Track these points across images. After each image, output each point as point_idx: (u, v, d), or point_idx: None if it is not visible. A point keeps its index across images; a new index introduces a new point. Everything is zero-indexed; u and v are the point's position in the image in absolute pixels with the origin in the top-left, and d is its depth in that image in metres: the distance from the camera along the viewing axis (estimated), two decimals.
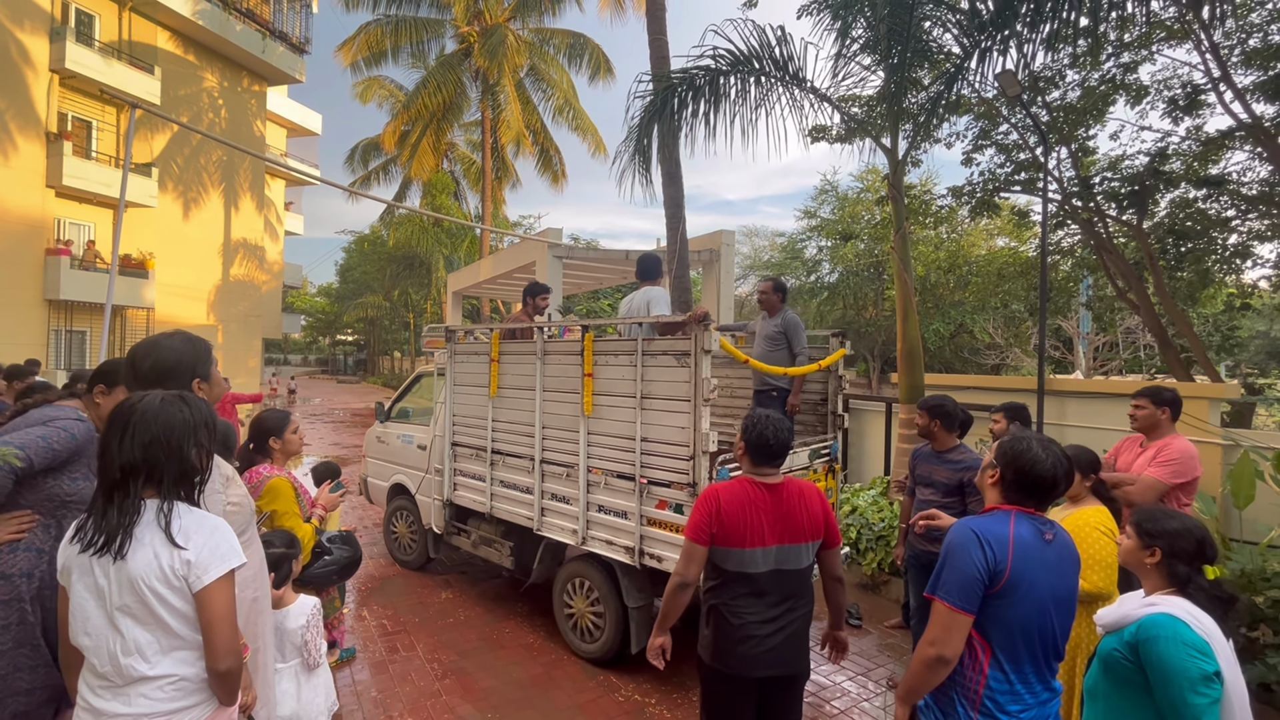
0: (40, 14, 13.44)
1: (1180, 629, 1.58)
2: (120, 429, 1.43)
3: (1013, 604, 1.71)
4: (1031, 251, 13.96)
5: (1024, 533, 1.76)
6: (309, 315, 42.43)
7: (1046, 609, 1.74)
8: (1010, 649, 1.74)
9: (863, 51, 6.61)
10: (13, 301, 12.96)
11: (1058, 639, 1.80)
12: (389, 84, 22.47)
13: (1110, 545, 2.45)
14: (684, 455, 3.37)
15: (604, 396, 3.77)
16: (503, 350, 4.47)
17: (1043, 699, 1.80)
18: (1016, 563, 1.71)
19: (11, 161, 13.02)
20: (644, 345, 3.58)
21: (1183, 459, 3.14)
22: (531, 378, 4.20)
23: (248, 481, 2.74)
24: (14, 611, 1.89)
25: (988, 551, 1.71)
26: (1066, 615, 1.81)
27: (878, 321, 20.98)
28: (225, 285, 18.20)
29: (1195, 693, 1.52)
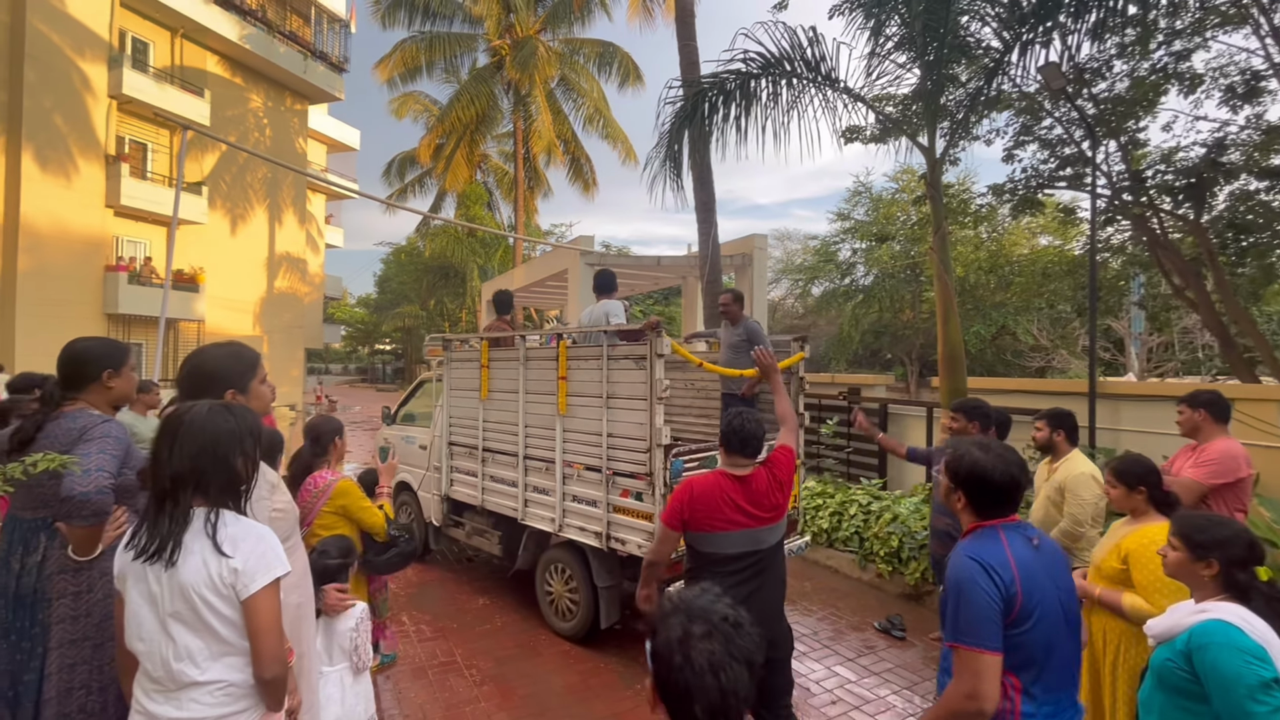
0: (100, 43, 14.20)
1: (1235, 635, 1.53)
2: (169, 439, 1.47)
3: (1032, 627, 1.61)
4: (1078, 249, 13.45)
5: (1018, 548, 1.67)
6: (349, 325, 43.60)
7: (1059, 622, 1.66)
8: (1038, 675, 1.63)
9: (897, 49, 6.49)
10: (76, 315, 13.65)
11: (1074, 652, 1.72)
12: (424, 99, 23.03)
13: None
14: (642, 449, 3.71)
15: (576, 397, 4.15)
16: (491, 357, 4.89)
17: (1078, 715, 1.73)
18: (1025, 583, 1.61)
19: (75, 184, 13.76)
20: (608, 350, 3.93)
21: (1222, 460, 3.00)
22: (515, 381, 4.61)
23: (314, 486, 2.86)
24: None
25: (996, 578, 1.59)
26: (1076, 624, 1.73)
27: (915, 324, 20.49)
28: (270, 297, 18.85)
29: (1255, 700, 1.46)
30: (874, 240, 20.83)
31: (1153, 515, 2.40)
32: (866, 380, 8.65)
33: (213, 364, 1.85)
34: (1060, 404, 5.65)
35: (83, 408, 2.06)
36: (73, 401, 2.07)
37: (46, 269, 13.22)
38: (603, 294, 5.11)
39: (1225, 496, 3.01)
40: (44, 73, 13.15)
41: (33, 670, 1.97)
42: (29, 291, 12.93)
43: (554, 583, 4.45)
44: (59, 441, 1.94)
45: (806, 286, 24.41)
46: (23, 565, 1.96)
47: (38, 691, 1.96)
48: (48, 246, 13.27)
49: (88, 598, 1.99)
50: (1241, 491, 3.02)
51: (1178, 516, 1.82)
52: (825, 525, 6.08)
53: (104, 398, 2.13)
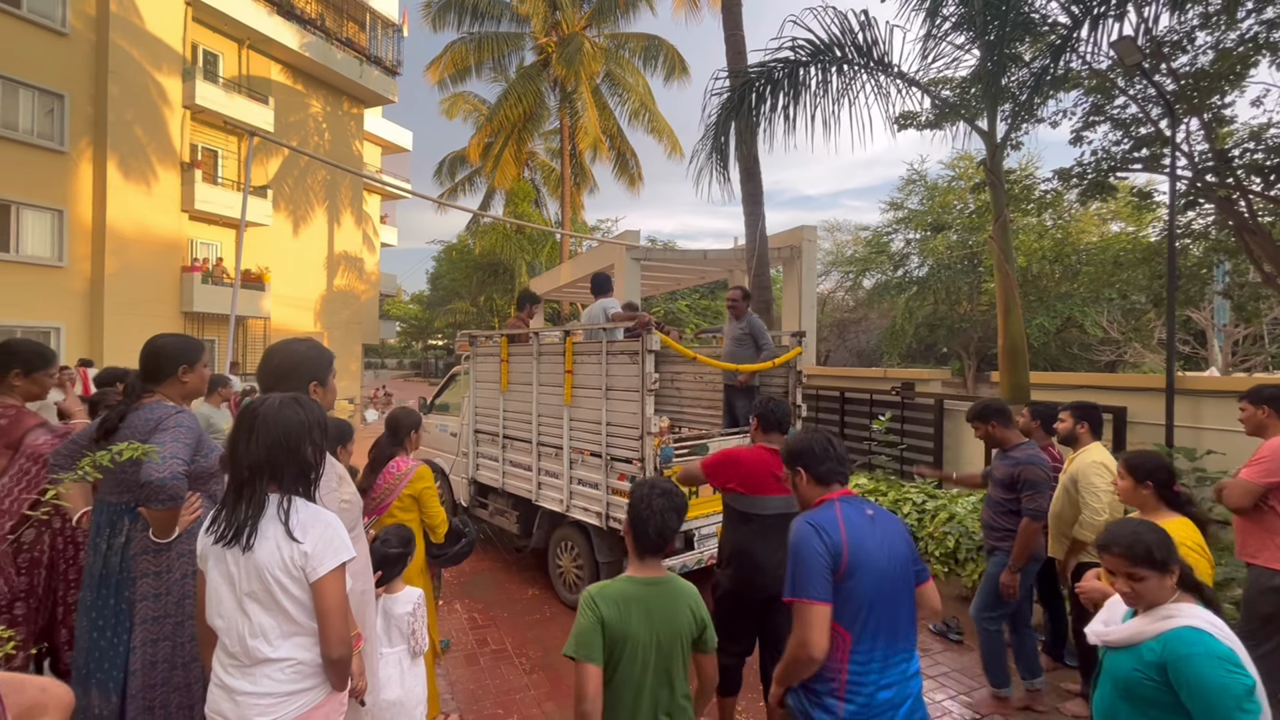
0: (174, 56, 15.06)
1: (1212, 643, 1.51)
2: (246, 431, 1.57)
3: (858, 583, 1.78)
4: (1154, 235, 12.62)
5: (850, 514, 1.86)
6: (403, 321, 45.07)
7: (885, 582, 1.81)
8: (865, 629, 1.79)
9: (955, 30, 6.22)
10: (157, 314, 14.59)
11: (904, 613, 1.86)
12: (473, 99, 23.49)
13: (1203, 564, 2.17)
14: (635, 435, 4.03)
15: (580, 389, 4.51)
16: (510, 352, 5.33)
17: (906, 675, 1.86)
18: (851, 542, 1.79)
19: (154, 190, 14.67)
20: (607, 346, 4.28)
21: (1273, 457, 2.84)
22: (529, 374, 5.02)
23: (396, 470, 3.03)
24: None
25: (825, 537, 1.79)
26: (907, 587, 1.88)
27: (972, 317, 19.69)
28: (329, 295, 19.66)
29: (1242, 710, 1.44)
30: (929, 230, 20.10)
31: (1163, 511, 2.33)
32: (921, 375, 8.34)
33: (299, 356, 1.96)
34: (1135, 400, 5.33)
35: (159, 399, 2.19)
36: (150, 394, 2.21)
37: (130, 270, 14.16)
38: (600, 294, 5.58)
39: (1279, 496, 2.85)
40: (125, 87, 14.05)
41: (120, 644, 2.10)
42: (115, 292, 13.89)
43: (563, 558, 4.85)
44: (138, 431, 2.06)
45: (857, 279, 23.78)
46: (109, 546, 2.10)
47: (125, 664, 2.10)
48: (131, 250, 14.21)
49: (167, 577, 2.13)
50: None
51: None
52: None
53: (179, 391, 2.27)
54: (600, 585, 1.81)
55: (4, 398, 2.51)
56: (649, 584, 1.80)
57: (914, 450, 7.00)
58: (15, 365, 2.54)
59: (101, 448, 1.91)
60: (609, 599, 1.74)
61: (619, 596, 1.76)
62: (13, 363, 2.53)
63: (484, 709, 3.47)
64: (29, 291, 12.91)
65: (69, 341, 13.38)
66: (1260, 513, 2.91)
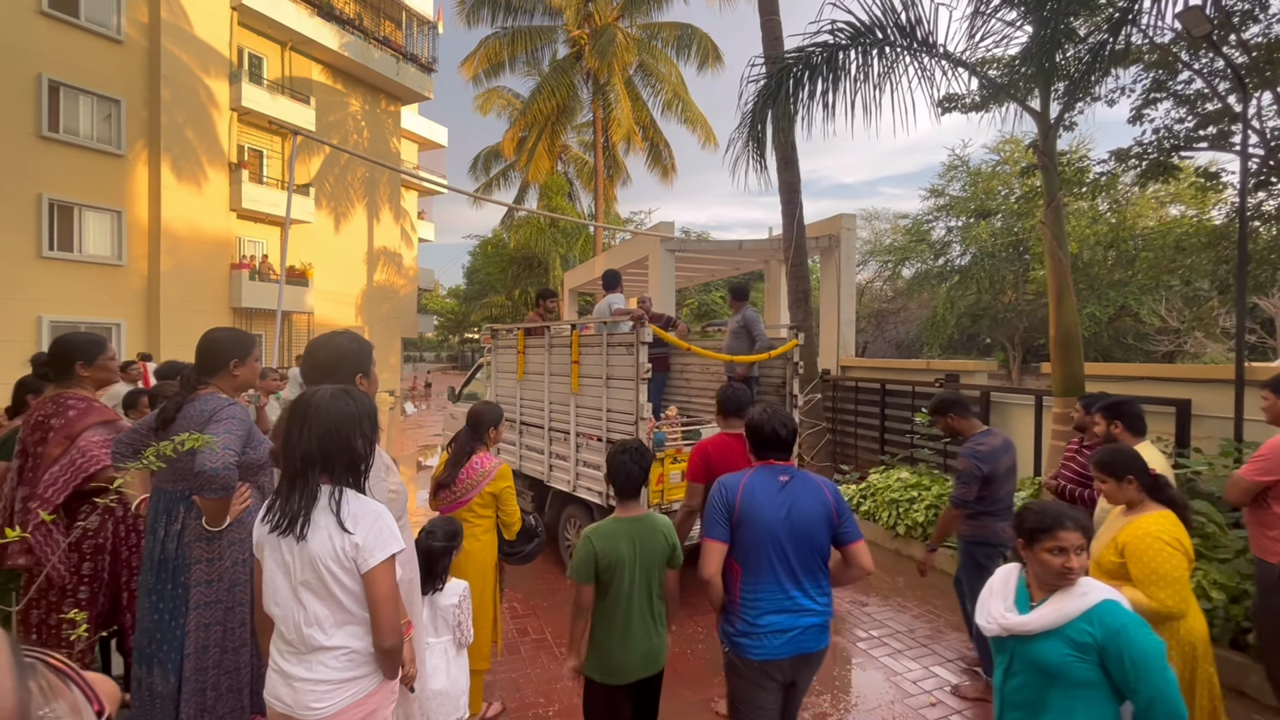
0: (222, 60, 15.57)
1: (1129, 612, 1.62)
2: (299, 423, 1.59)
3: (746, 530, 2.19)
4: (1219, 218, 11.93)
5: (755, 480, 2.25)
6: (440, 315, 45.92)
7: (771, 534, 2.18)
8: (751, 566, 2.21)
9: (1005, 5, 5.94)
10: (208, 310, 15.18)
11: (795, 560, 2.19)
12: (507, 93, 23.66)
13: (1178, 557, 2.15)
14: (630, 420, 4.32)
15: (585, 379, 4.81)
16: (526, 344, 5.67)
17: (798, 609, 2.20)
18: (744, 500, 2.20)
19: (205, 191, 15.23)
20: (607, 338, 4.59)
21: (1272, 454, 2.79)
22: (543, 365, 5.33)
23: (480, 466, 3.08)
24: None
25: (724, 494, 2.24)
26: (803, 538, 2.20)
27: (1018, 306, 19.02)
28: (369, 290, 20.14)
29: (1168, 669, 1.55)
30: (972, 217, 19.45)
31: (1148, 505, 2.32)
32: (966, 366, 8.08)
33: (344, 350, 1.99)
34: (1201, 392, 5.06)
35: (213, 392, 2.26)
36: (205, 386, 2.28)
37: (183, 268, 14.76)
38: (610, 289, 5.89)
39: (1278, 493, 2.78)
40: (176, 91, 14.59)
41: (178, 627, 2.19)
42: (170, 289, 14.50)
43: (570, 534, 5.18)
44: (194, 422, 2.14)
45: (896, 268, 23.20)
46: (166, 533, 2.19)
47: (182, 647, 2.18)
48: (184, 248, 14.80)
49: (218, 564, 2.21)
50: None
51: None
52: (920, 519, 5.78)
53: (231, 383, 2.33)
54: (594, 525, 2.38)
55: (75, 389, 2.62)
56: (631, 521, 2.34)
57: (958, 444, 6.79)
58: (77, 357, 2.64)
59: (162, 438, 1.97)
60: (601, 535, 2.30)
61: (609, 532, 2.31)
62: (74, 355, 2.63)
63: (525, 697, 3.51)
64: (92, 289, 13.58)
65: (129, 336, 14.04)
66: (1262, 509, 2.89)
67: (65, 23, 13.01)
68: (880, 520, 6.19)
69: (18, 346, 12.33)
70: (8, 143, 12.33)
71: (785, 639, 2.18)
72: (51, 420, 2.52)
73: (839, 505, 2.25)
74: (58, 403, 2.54)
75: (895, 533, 5.98)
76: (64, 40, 13.02)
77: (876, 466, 7.32)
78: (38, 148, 12.72)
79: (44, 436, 2.51)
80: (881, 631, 4.28)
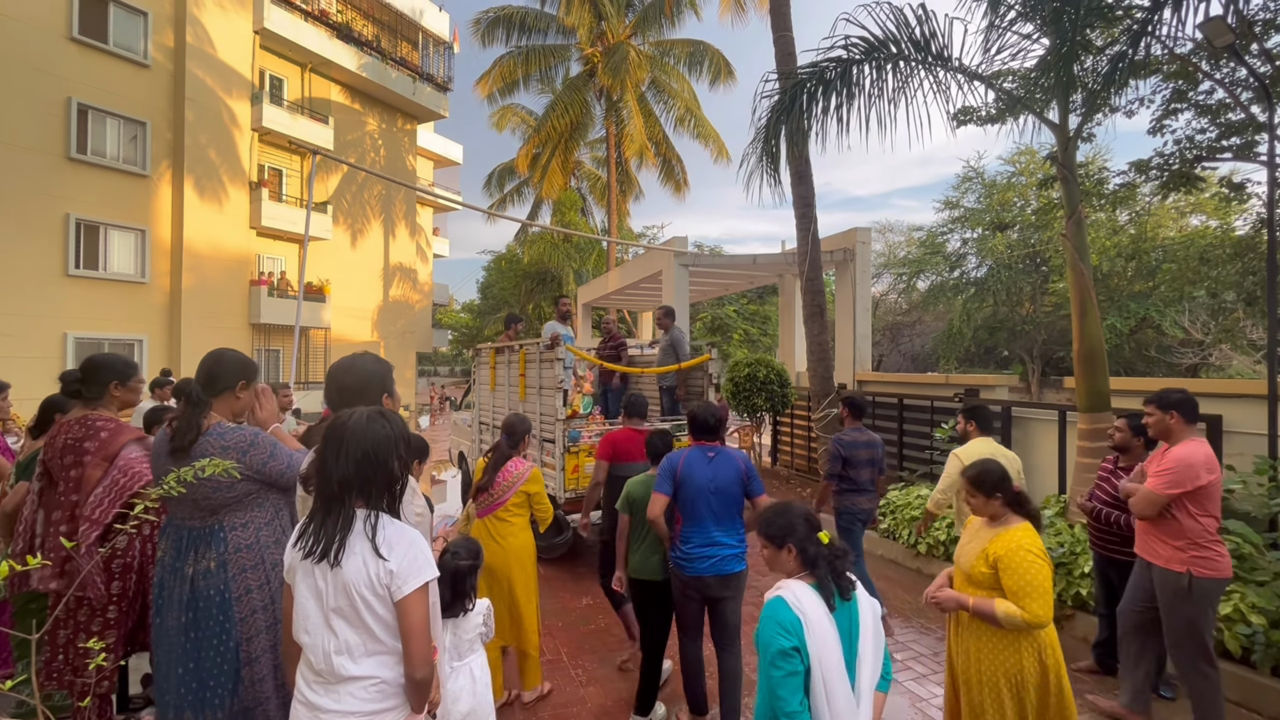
0: (244, 82, 15.93)
1: (780, 609, 1.78)
2: (336, 446, 1.55)
3: (684, 489, 3.14)
4: (1242, 228, 11.71)
5: (692, 455, 3.20)
6: (454, 330, 46.25)
7: (704, 491, 3.11)
8: (688, 514, 3.15)
9: (1021, 18, 5.92)
10: (228, 326, 15.41)
11: (718, 510, 3.12)
12: (521, 111, 23.96)
13: (1045, 568, 2.27)
14: (553, 421, 5.54)
15: (529, 389, 6.10)
16: (496, 361, 7.06)
17: (718, 544, 3.12)
18: (684, 469, 3.15)
19: (226, 209, 15.53)
20: (539, 355, 5.87)
21: (1178, 468, 2.96)
22: (504, 378, 6.68)
23: (515, 469, 3.49)
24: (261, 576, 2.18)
25: (670, 463, 3.19)
26: (724, 495, 3.14)
27: (1036, 319, 18.78)
28: (385, 306, 20.35)
29: (774, 665, 1.73)
30: (988, 229, 19.29)
31: (1011, 517, 2.44)
32: (986, 380, 7.96)
33: (369, 372, 1.98)
34: (1232, 408, 4.92)
35: (219, 421, 2.16)
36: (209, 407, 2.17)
37: (204, 285, 15.01)
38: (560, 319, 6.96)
39: (1188, 504, 2.96)
40: (200, 112, 14.94)
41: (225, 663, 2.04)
42: (191, 305, 14.74)
43: None
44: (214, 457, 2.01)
45: (911, 280, 23.04)
46: (195, 570, 2.05)
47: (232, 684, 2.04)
48: (205, 265, 15.06)
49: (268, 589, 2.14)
50: (1205, 498, 2.95)
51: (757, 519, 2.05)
52: (942, 537, 5.65)
53: (230, 406, 2.25)
54: (632, 480, 3.46)
55: (102, 410, 2.64)
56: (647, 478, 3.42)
57: None
58: (112, 377, 2.66)
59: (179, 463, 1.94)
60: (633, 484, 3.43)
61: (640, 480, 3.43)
62: (109, 376, 2.65)
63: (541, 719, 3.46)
64: (116, 306, 13.84)
65: (151, 352, 14.27)
66: (1166, 520, 3.05)
67: (94, 48, 13.40)
68: (901, 538, 6.07)
69: (44, 362, 12.57)
70: (38, 164, 12.67)
71: (709, 563, 3.11)
72: (85, 443, 2.53)
73: (749, 471, 3.23)
74: (86, 425, 2.55)
75: (916, 551, 5.85)
76: (93, 65, 13.41)
77: (895, 483, 7.20)
78: (66, 169, 13.06)
79: (78, 460, 2.52)
80: (905, 655, 4.18)
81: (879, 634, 1.89)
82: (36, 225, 12.65)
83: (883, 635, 1.92)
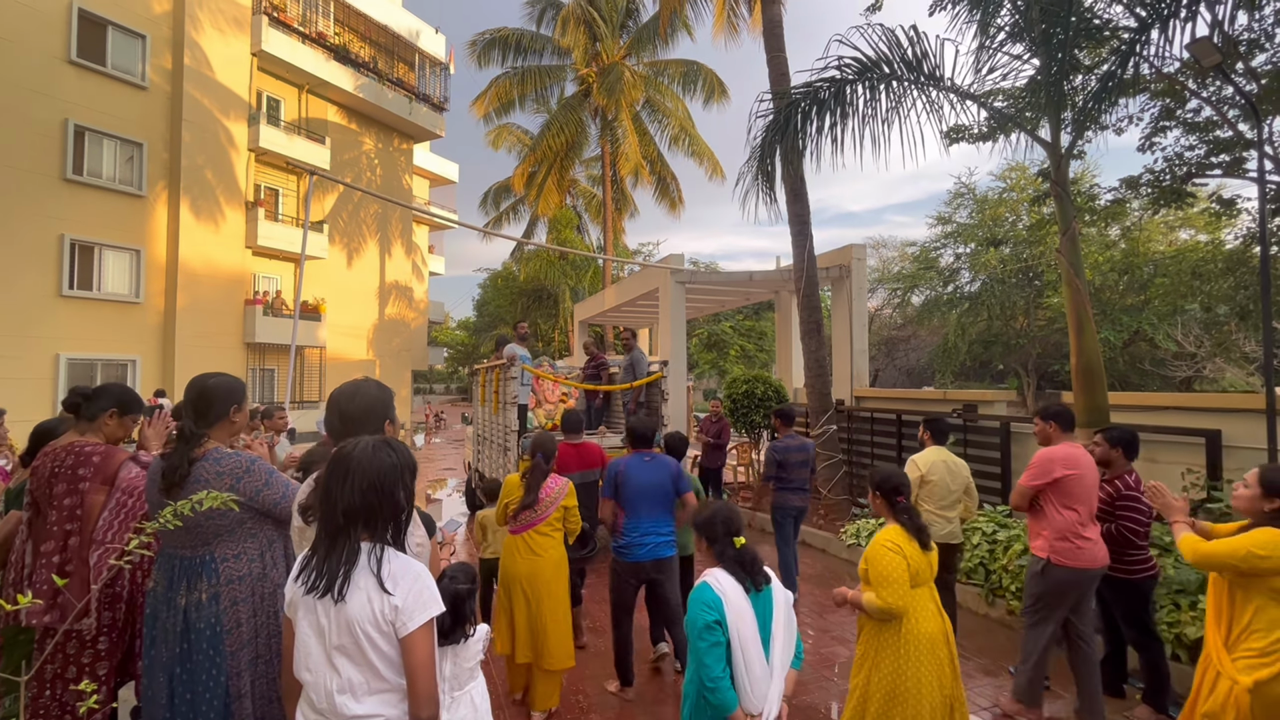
0: (241, 104, 16.02)
1: (704, 591, 2.09)
2: (341, 476, 1.50)
3: (625, 489, 3.74)
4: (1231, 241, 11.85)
5: (631, 461, 3.83)
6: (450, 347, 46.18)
7: (640, 491, 3.73)
8: (628, 510, 3.74)
9: (1011, 39, 6.03)
10: (222, 345, 15.32)
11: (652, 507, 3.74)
12: (516, 130, 24.16)
13: (896, 559, 2.52)
14: (512, 430, 6.49)
15: (501, 404, 6.94)
16: (485, 379, 8.13)
17: (652, 534, 3.72)
18: (624, 473, 3.76)
19: (222, 229, 15.52)
20: (504, 374, 6.77)
21: (1039, 462, 3.44)
22: (489, 393, 7.65)
23: (555, 485, 3.69)
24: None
25: (612, 470, 3.83)
26: (657, 493, 3.76)
27: (1030, 332, 18.88)
28: (381, 324, 20.30)
29: (700, 638, 2.03)
30: (982, 244, 19.46)
31: (888, 520, 2.72)
32: (984, 396, 7.96)
33: (372, 398, 1.95)
34: (1231, 422, 4.93)
35: (216, 446, 2.11)
36: (205, 438, 2.12)
37: (199, 305, 14.95)
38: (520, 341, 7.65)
39: (1053, 498, 3.40)
40: (197, 134, 14.99)
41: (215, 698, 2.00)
42: (185, 325, 14.66)
43: None
44: (210, 486, 2.00)
45: (905, 295, 23.16)
46: (187, 601, 2.01)
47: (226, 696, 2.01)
48: (200, 285, 15.01)
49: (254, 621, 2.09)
50: (1061, 491, 3.36)
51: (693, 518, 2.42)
52: None
53: (227, 431, 2.20)
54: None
55: (90, 437, 2.60)
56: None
57: (979, 476, 6.63)
58: (112, 405, 2.62)
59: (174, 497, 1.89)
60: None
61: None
62: (110, 404, 2.61)
63: None
64: (110, 326, 13.75)
65: (144, 373, 14.15)
66: (1036, 510, 3.52)
67: (92, 70, 13.47)
68: None
69: (36, 383, 12.45)
70: (34, 186, 12.66)
71: (645, 549, 3.68)
72: (78, 470, 2.47)
73: (678, 473, 3.86)
74: (75, 452, 2.50)
75: None
76: (90, 87, 13.46)
77: None
78: (62, 190, 13.05)
79: (73, 488, 2.45)
80: None
81: (790, 619, 2.18)
82: (31, 246, 12.60)
83: (794, 620, 2.20)
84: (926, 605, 2.55)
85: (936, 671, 2.48)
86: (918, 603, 2.52)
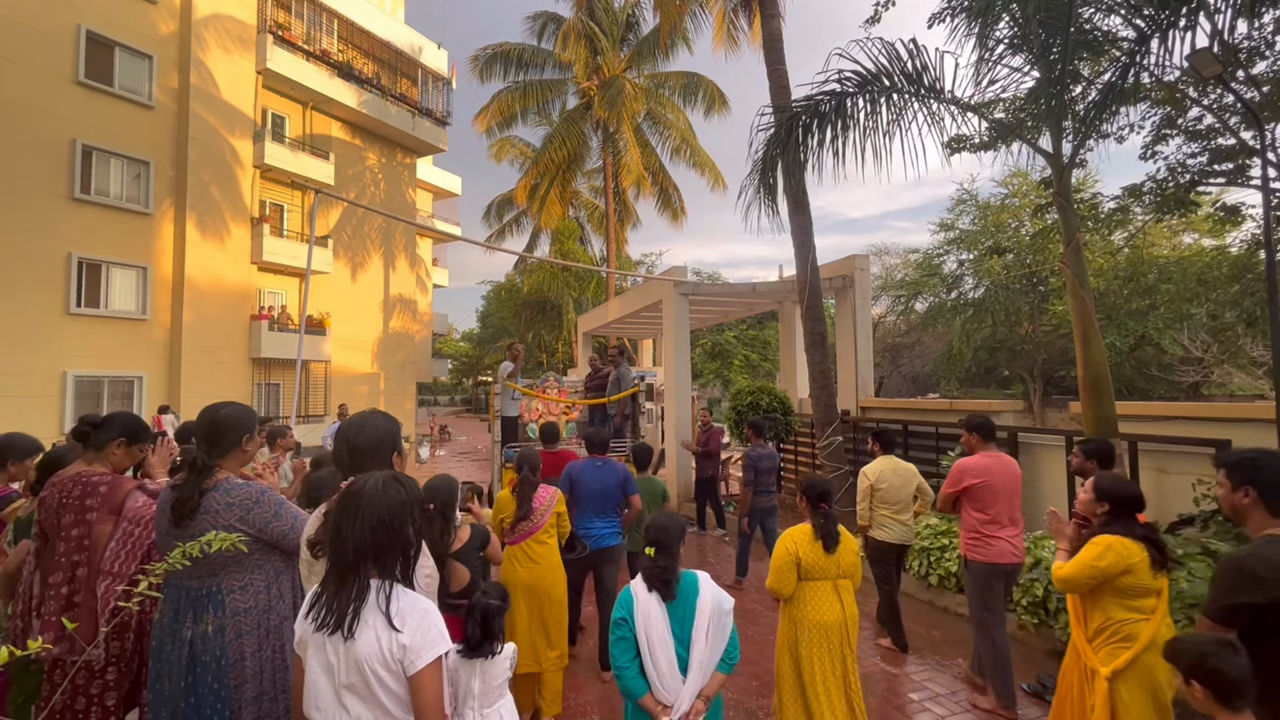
0: (246, 121, 16.19)
1: (624, 594, 2.39)
2: (351, 513, 1.50)
3: (577, 489, 4.28)
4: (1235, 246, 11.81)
5: (584, 464, 4.41)
6: (454, 359, 46.26)
7: (591, 490, 4.28)
8: (580, 508, 4.28)
9: (1010, 51, 6.04)
10: (228, 360, 15.39)
11: (600, 504, 4.28)
12: (519, 143, 24.32)
13: (784, 551, 2.97)
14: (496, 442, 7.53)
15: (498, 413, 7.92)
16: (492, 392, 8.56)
17: (599, 527, 4.27)
18: (577, 475, 4.33)
19: (228, 245, 15.64)
20: (498, 388, 7.82)
21: (953, 472, 3.96)
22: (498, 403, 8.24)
23: (545, 494, 3.87)
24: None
25: (568, 474, 4.37)
26: (606, 494, 4.29)
27: (1035, 338, 18.81)
28: (385, 337, 20.36)
29: (610, 632, 2.35)
30: (984, 252, 19.44)
31: (805, 520, 3.12)
32: (991, 405, 7.91)
33: (381, 431, 1.95)
34: (1240, 432, 4.89)
35: (227, 476, 2.12)
36: (218, 469, 2.12)
37: (205, 321, 15.03)
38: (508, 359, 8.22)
39: (966, 502, 3.91)
40: (203, 151, 15.14)
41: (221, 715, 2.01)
42: (191, 341, 14.74)
43: None
44: (220, 517, 2.01)
45: (909, 302, 23.13)
46: (193, 632, 2.00)
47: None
48: (206, 301, 15.11)
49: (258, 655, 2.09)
50: (971, 496, 3.88)
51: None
52: (953, 568, 5.56)
53: (239, 460, 2.20)
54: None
55: (98, 466, 2.60)
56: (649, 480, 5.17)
57: None
58: (120, 435, 2.61)
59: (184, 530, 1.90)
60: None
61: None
62: (118, 433, 2.61)
63: None
64: (116, 343, 13.84)
65: (150, 389, 14.22)
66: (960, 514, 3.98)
67: (100, 91, 13.64)
68: (911, 570, 5.97)
69: (44, 401, 12.52)
70: (42, 205, 12.79)
71: (593, 541, 4.20)
72: (86, 500, 2.47)
73: (625, 477, 4.36)
74: (81, 482, 2.51)
75: (928, 583, 5.76)
76: (98, 107, 13.62)
77: None
78: (69, 209, 13.18)
79: (80, 518, 2.45)
80: (922, 695, 4.08)
81: (720, 626, 2.34)
82: (39, 264, 12.71)
83: (727, 627, 2.36)
84: (826, 597, 2.93)
85: (829, 655, 2.86)
86: (815, 594, 2.93)
